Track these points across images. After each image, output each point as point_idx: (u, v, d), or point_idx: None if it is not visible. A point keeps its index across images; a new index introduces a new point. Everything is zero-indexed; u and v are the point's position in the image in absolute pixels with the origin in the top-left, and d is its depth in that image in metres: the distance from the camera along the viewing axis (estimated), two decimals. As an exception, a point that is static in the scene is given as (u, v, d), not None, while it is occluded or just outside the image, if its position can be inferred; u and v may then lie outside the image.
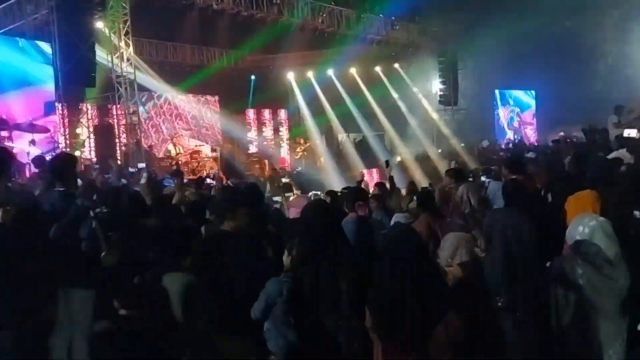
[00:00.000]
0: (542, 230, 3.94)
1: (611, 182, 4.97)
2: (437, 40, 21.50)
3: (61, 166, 4.19)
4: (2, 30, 14.10)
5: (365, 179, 12.33)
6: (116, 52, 14.09)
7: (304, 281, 2.86)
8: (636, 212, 3.72)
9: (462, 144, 21.12)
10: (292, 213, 4.17)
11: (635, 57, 21.22)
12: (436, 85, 22.16)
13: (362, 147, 20.75)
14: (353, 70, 22.03)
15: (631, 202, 4.13)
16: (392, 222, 5.23)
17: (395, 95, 21.88)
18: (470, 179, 6.98)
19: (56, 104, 13.07)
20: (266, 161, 18.85)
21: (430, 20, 21.05)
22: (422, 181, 13.79)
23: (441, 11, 19.61)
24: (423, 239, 4.28)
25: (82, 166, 12.18)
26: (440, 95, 21.88)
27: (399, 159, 18.74)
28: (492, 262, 2.87)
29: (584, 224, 3.06)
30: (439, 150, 20.82)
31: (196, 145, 18.72)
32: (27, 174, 9.68)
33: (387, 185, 7.84)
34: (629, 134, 7.68)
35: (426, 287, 2.49)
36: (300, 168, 17.64)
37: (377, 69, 22.36)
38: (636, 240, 3.49)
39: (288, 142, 21.56)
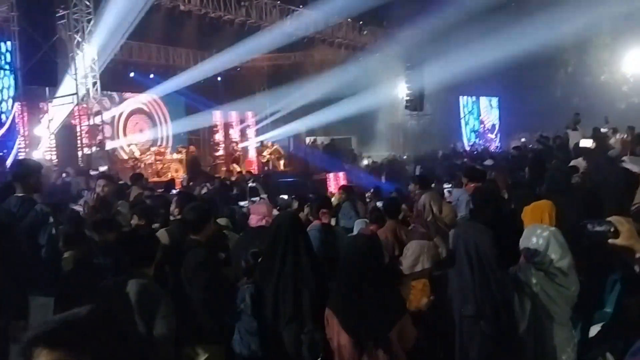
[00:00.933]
0: (503, 238, 4.08)
1: (567, 190, 5.15)
2: (404, 46, 21.78)
3: (23, 172, 4.08)
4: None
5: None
6: (79, 52, 13.80)
7: (266, 290, 2.88)
8: (589, 225, 3.86)
9: (429, 150, 21.48)
10: (253, 220, 4.16)
11: (593, 66, 21.98)
12: (402, 91, 22.44)
13: (330, 150, 20.85)
14: (321, 74, 22.11)
15: (584, 210, 4.30)
16: (354, 228, 5.29)
17: (362, 99, 22.07)
18: (433, 185, 7.11)
19: (15, 103, 12.73)
20: (234, 164, 18.74)
21: (397, 26, 21.32)
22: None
23: (408, 17, 19.88)
24: (387, 246, 4.37)
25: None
26: (407, 101, 22.17)
27: (365, 162, 18.90)
28: (458, 272, 2.95)
29: (537, 235, 3.17)
30: (405, 156, 21.11)
31: (160, 146, 18.46)
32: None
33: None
34: (585, 144, 7.94)
35: (381, 296, 2.55)
36: (266, 171, 17.59)
37: (345, 73, 22.50)
38: (588, 249, 3.63)
39: (256, 145, 21.50)
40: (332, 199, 6.94)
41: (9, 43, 12.71)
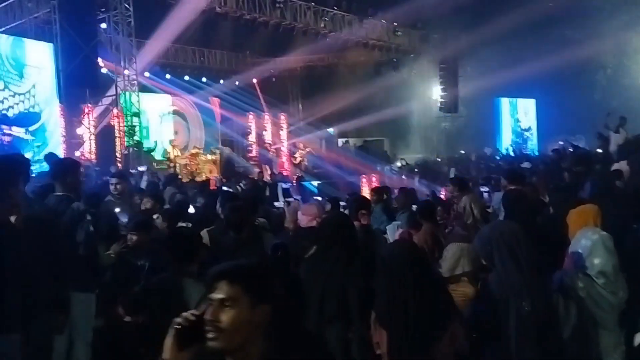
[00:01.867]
0: (542, 242, 3.99)
1: (610, 195, 5.02)
2: (438, 47, 21.59)
3: (62, 170, 4.15)
4: (2, 29, 14.11)
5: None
6: (119, 54, 14.13)
7: (313, 289, 2.88)
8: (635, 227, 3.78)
9: (462, 151, 21.20)
10: (304, 220, 4.13)
11: (633, 68, 21.40)
12: (437, 92, 22.23)
13: (362, 152, 20.81)
14: (354, 76, 22.14)
15: (629, 215, 4.19)
16: (388, 233, 5.24)
17: (396, 101, 21.96)
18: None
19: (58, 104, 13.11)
20: (266, 166, 18.87)
21: (431, 27, 21.14)
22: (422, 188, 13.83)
23: (443, 18, 19.69)
24: (426, 249, 4.32)
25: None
26: (441, 102, 21.94)
27: (399, 164, 18.78)
28: (499, 276, 2.88)
29: (585, 238, 3.11)
30: (439, 158, 20.89)
31: (194, 147, 18.72)
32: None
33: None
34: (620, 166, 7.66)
35: (427, 299, 2.52)
36: (300, 173, 17.65)
37: (379, 74, 22.45)
38: (633, 254, 3.54)
39: (288, 146, 21.60)
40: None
41: (51, 45, 13.07)
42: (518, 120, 25.65)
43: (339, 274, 2.81)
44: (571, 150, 14.31)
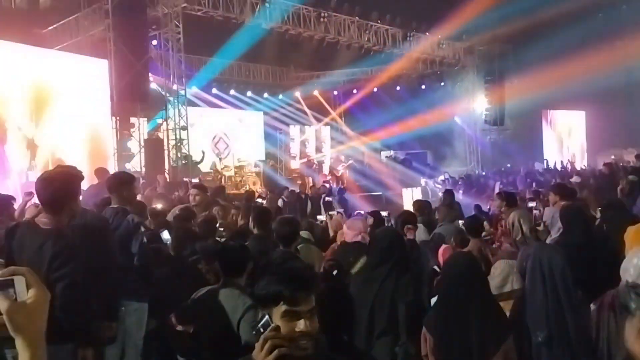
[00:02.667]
0: (595, 260, 3.89)
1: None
2: (483, 59, 21.33)
3: (117, 184, 4.27)
4: (59, 47, 14.79)
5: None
6: (168, 69, 14.57)
7: (363, 303, 2.89)
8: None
9: (509, 165, 20.79)
10: (349, 235, 4.13)
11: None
12: (482, 105, 21.94)
13: (405, 165, 20.67)
14: (398, 89, 22.12)
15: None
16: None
17: (439, 113, 21.79)
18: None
19: (111, 117, 13.60)
20: (309, 178, 18.99)
21: (476, 39, 20.93)
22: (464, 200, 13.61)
23: (488, 30, 19.47)
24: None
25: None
26: (486, 115, 21.63)
27: (442, 178, 18.56)
28: (531, 295, 2.85)
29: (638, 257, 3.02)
30: (483, 172, 20.55)
31: (239, 160, 19.06)
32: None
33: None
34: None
35: (487, 311, 2.49)
36: (342, 186, 17.68)
37: (423, 87, 22.36)
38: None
39: (331, 159, 21.70)
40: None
41: (105, 61, 13.59)
42: (566, 133, 24.99)
43: (390, 289, 2.82)
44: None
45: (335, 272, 3.31)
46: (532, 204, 6.83)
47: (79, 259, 2.95)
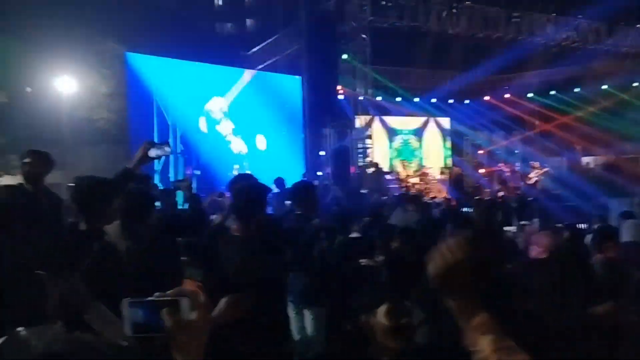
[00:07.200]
0: None
1: None
2: None
3: (300, 192, 4.52)
4: (260, 66, 16.31)
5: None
6: (355, 80, 15.14)
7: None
8: None
9: None
10: (534, 251, 3.79)
11: None
12: None
13: (612, 172, 18.37)
14: (605, 87, 19.87)
15: None
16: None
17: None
18: None
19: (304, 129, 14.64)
20: (500, 185, 18.03)
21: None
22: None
23: None
24: None
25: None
26: None
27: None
28: None
29: None
30: None
31: (425, 167, 18.86)
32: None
33: None
34: None
35: None
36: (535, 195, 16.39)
37: (635, 84, 19.76)
38: None
39: (522, 166, 20.32)
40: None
41: (298, 77, 14.67)
42: None
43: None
44: None
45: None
46: None
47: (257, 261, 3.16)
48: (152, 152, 2.92)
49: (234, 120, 15.05)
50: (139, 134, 12.09)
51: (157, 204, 4.21)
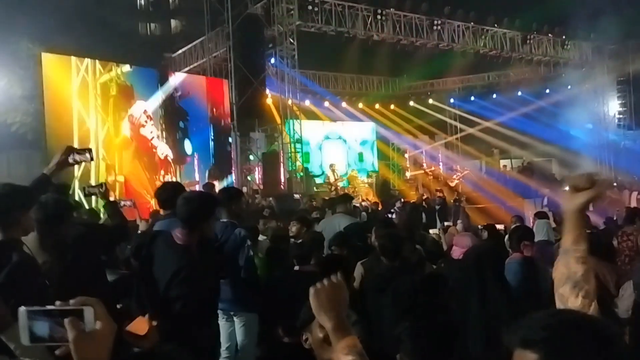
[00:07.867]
0: None
1: None
2: (615, 59, 19.63)
3: (228, 198, 4.41)
4: (186, 69, 16.00)
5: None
6: (283, 85, 15.15)
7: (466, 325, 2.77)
8: None
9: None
10: (456, 252, 3.96)
11: None
12: (613, 107, 20.16)
13: (527, 174, 19.49)
14: (519, 93, 21.07)
15: None
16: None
17: (565, 118, 20.36)
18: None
19: (232, 133, 14.42)
20: (425, 189, 18.66)
21: (606, 38, 19.31)
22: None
23: (619, 27, 17.88)
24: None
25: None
26: (619, 118, 19.86)
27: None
28: None
29: None
30: (615, 182, 18.80)
31: (352, 170, 19.19)
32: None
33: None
34: None
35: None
36: (456, 197, 17.09)
37: (547, 91, 21.08)
38: None
39: (445, 169, 21.12)
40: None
41: (226, 81, 14.47)
42: None
43: (485, 310, 2.65)
44: None
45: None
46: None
47: (199, 272, 3.09)
48: (72, 158, 2.79)
49: (159, 125, 14.62)
50: (57, 139, 11.45)
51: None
